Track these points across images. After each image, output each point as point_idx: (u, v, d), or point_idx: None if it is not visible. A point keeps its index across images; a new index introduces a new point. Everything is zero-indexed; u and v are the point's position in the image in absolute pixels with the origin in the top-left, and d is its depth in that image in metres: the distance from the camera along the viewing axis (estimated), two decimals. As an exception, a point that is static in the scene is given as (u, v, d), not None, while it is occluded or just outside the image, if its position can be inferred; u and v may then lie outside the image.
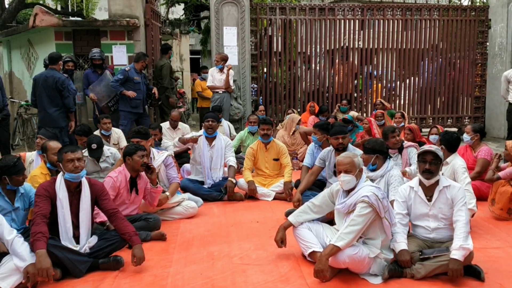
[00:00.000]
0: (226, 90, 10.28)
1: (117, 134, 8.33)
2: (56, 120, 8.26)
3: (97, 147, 6.45)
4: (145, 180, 5.52)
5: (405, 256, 4.11)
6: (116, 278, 4.25)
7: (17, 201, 4.53)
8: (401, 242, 4.22)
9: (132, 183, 5.40)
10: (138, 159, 5.29)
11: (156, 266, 4.49)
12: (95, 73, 9.65)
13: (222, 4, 11.18)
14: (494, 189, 5.87)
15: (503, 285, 4.03)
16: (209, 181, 7.03)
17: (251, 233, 5.41)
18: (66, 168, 4.40)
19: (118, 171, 5.42)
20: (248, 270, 4.39)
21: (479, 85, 12.98)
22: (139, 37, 10.36)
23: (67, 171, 4.39)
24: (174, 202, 6.00)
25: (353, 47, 12.62)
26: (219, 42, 11.30)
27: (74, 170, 4.39)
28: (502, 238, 5.21)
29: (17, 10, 16.28)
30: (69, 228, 4.38)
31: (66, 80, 8.29)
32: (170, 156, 6.50)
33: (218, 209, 6.46)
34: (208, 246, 5.05)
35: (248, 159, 7.18)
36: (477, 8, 12.84)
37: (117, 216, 4.53)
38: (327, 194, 4.55)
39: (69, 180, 4.41)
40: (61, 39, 10.46)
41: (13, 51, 13.00)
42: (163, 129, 8.66)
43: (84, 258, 4.31)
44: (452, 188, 4.33)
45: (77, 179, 4.43)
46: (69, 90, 8.24)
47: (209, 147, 7.09)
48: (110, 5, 10.42)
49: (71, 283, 4.15)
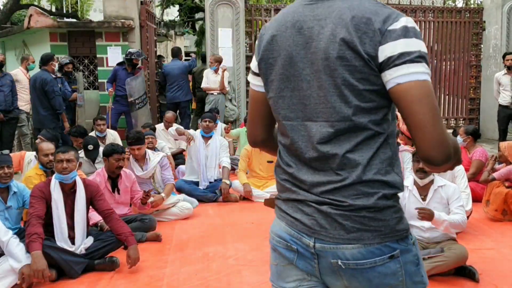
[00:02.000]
0: (221, 92, 10.28)
1: (113, 135, 8.31)
2: (43, 122, 8.24)
3: (93, 148, 6.44)
4: (129, 181, 5.54)
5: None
6: (111, 279, 4.25)
7: (9, 200, 4.51)
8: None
9: (112, 183, 5.42)
10: (113, 162, 5.34)
11: (151, 267, 4.49)
12: (125, 71, 9.66)
13: (217, 6, 11.17)
14: (488, 190, 5.90)
15: (498, 286, 4.05)
16: (204, 183, 7.04)
17: (246, 234, 5.42)
18: (55, 168, 4.42)
19: (96, 173, 5.48)
20: (243, 271, 4.40)
21: (473, 87, 12.99)
22: (134, 39, 10.35)
23: (56, 171, 4.41)
24: (170, 203, 6.00)
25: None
26: (214, 44, 11.29)
27: (62, 171, 4.37)
28: (497, 239, 5.23)
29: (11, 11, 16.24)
30: (64, 229, 4.38)
31: (53, 81, 8.25)
32: (166, 157, 6.51)
33: (213, 210, 6.46)
34: (204, 247, 5.05)
35: (242, 160, 7.19)
36: (471, 10, 12.88)
37: (113, 216, 4.53)
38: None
39: (59, 180, 4.41)
40: (56, 40, 10.44)
41: (7, 52, 12.96)
42: (157, 130, 8.67)
43: (79, 259, 4.31)
44: (447, 187, 4.35)
45: (65, 180, 4.41)
46: (54, 91, 8.19)
47: (205, 146, 7.12)
48: (105, 6, 10.41)
49: (67, 284, 4.15)
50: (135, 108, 9.70)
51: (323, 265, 1.65)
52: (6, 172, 4.42)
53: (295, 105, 1.66)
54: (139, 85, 9.74)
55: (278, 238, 1.75)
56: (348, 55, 1.52)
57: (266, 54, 1.71)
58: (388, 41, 1.49)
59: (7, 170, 4.43)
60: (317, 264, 1.66)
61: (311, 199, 1.64)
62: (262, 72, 1.75)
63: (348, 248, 1.58)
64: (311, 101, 1.62)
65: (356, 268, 1.59)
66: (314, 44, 1.59)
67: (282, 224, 1.73)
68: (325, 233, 1.61)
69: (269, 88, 1.73)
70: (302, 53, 1.62)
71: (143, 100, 9.81)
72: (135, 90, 9.66)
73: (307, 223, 1.64)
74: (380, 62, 1.50)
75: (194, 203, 6.50)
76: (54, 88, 8.21)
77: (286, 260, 1.73)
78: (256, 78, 1.81)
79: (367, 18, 1.51)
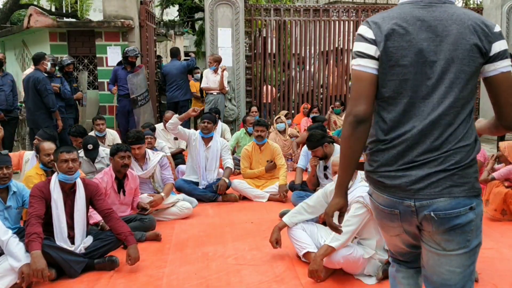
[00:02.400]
0: (220, 92, 10.28)
1: (112, 135, 8.32)
2: (37, 121, 8.23)
3: (92, 148, 6.44)
4: (134, 182, 5.57)
5: (399, 257, 4.13)
6: (111, 278, 4.25)
7: (9, 199, 4.51)
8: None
9: (119, 184, 5.43)
10: (118, 160, 5.35)
11: (151, 266, 4.50)
12: (125, 70, 9.68)
13: (216, 6, 11.18)
14: (488, 189, 5.91)
15: (497, 285, 4.05)
16: (203, 182, 7.04)
17: (246, 233, 5.42)
18: (60, 168, 4.40)
19: (103, 172, 5.48)
20: (243, 270, 4.40)
21: (473, 87, 13.01)
22: (134, 38, 10.37)
23: (61, 171, 4.39)
24: (169, 203, 6.01)
25: (348, 48, 12.64)
26: (213, 44, 11.29)
27: (67, 171, 4.38)
28: (496, 238, 5.24)
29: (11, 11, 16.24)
30: (63, 228, 4.38)
31: (45, 79, 8.22)
32: (166, 156, 6.51)
33: (213, 210, 6.47)
34: (203, 246, 5.05)
35: (244, 160, 7.20)
36: (471, 10, 12.85)
37: (112, 216, 4.54)
38: (321, 194, 4.55)
39: (62, 181, 4.42)
40: (55, 40, 10.46)
41: (7, 52, 12.97)
42: (157, 130, 8.67)
43: (79, 258, 4.31)
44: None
45: (70, 180, 4.43)
46: (46, 89, 8.17)
47: (205, 148, 7.10)
48: (104, 6, 10.41)
49: (66, 284, 4.15)
50: (137, 105, 9.73)
51: (419, 218, 2.16)
52: (5, 172, 4.42)
53: (417, 86, 2.14)
54: (141, 82, 9.77)
55: (382, 207, 2.27)
56: (472, 49, 2.09)
57: (394, 43, 2.14)
58: (497, 41, 2.11)
59: (6, 171, 4.43)
60: (416, 218, 2.17)
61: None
62: (387, 57, 2.15)
63: (441, 201, 2.10)
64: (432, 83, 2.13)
65: (444, 217, 2.10)
66: (441, 39, 2.11)
67: (384, 195, 2.23)
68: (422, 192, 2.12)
69: (394, 71, 2.15)
70: (431, 45, 2.11)
71: (145, 97, 9.84)
72: (137, 86, 9.69)
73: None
74: (491, 55, 2.11)
75: (194, 203, 6.51)
76: (47, 86, 8.18)
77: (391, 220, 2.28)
78: (372, 61, 2.18)
79: (480, 22, 2.12)
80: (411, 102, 2.14)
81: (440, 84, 2.11)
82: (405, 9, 2.18)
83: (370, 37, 2.18)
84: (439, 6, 2.15)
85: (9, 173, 4.48)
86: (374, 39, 2.17)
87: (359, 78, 2.21)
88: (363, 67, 2.19)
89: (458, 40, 2.09)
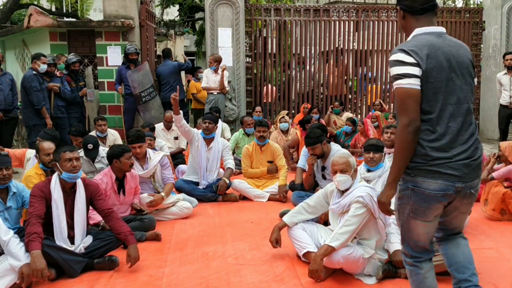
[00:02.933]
0: (220, 91, 10.27)
1: (113, 136, 8.32)
2: (26, 119, 8.37)
3: (93, 147, 6.44)
4: (134, 181, 5.57)
5: (399, 257, 4.11)
6: (111, 278, 4.25)
7: (9, 200, 4.51)
8: (395, 243, 4.24)
9: (119, 184, 5.42)
10: (126, 161, 5.33)
11: (151, 266, 4.50)
12: (128, 69, 9.73)
13: (217, 5, 11.17)
14: (487, 189, 5.91)
15: (497, 285, 4.05)
16: (204, 182, 7.04)
17: (246, 233, 5.42)
18: (64, 167, 4.39)
19: (103, 173, 5.45)
20: (243, 270, 4.40)
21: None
22: (134, 38, 10.35)
23: (65, 170, 4.39)
24: (169, 203, 6.01)
25: (348, 48, 12.64)
26: (213, 43, 11.28)
27: (72, 169, 4.39)
28: (496, 238, 5.24)
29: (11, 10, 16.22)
30: (63, 228, 4.38)
31: (31, 77, 8.24)
32: (166, 156, 6.51)
33: (213, 210, 6.47)
34: (203, 246, 5.06)
35: (245, 159, 7.20)
36: (471, 10, 12.88)
37: (112, 216, 4.54)
38: (321, 194, 4.56)
39: (65, 180, 4.41)
40: (55, 40, 10.46)
41: (7, 52, 12.97)
42: (157, 130, 8.67)
43: (79, 258, 4.31)
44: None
45: (74, 179, 4.44)
46: (32, 87, 8.20)
47: (207, 148, 7.09)
48: (105, 5, 10.40)
49: (66, 283, 4.16)
50: (142, 101, 9.76)
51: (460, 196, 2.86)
52: (5, 173, 4.42)
53: (450, 94, 2.80)
54: (143, 78, 9.78)
55: (435, 192, 2.79)
56: (470, 65, 2.93)
57: (431, 66, 2.75)
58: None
59: (6, 172, 4.43)
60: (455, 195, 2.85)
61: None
62: (427, 76, 2.74)
63: (475, 182, 2.89)
64: (462, 91, 2.85)
65: (474, 193, 2.91)
66: (457, 59, 2.83)
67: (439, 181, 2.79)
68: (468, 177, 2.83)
69: (433, 85, 2.76)
70: (454, 64, 2.81)
71: (150, 93, 9.85)
72: (138, 82, 9.71)
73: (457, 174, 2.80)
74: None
75: (194, 203, 6.51)
76: (32, 84, 8.22)
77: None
78: (417, 80, 2.74)
79: (465, 46, 2.97)
80: (443, 107, 2.79)
81: (461, 91, 2.85)
82: (427, 38, 2.83)
83: (412, 61, 2.74)
84: (446, 36, 2.89)
85: (9, 174, 4.48)
86: (417, 63, 2.74)
87: (411, 94, 2.74)
88: (412, 85, 2.73)
89: (465, 59, 2.88)
